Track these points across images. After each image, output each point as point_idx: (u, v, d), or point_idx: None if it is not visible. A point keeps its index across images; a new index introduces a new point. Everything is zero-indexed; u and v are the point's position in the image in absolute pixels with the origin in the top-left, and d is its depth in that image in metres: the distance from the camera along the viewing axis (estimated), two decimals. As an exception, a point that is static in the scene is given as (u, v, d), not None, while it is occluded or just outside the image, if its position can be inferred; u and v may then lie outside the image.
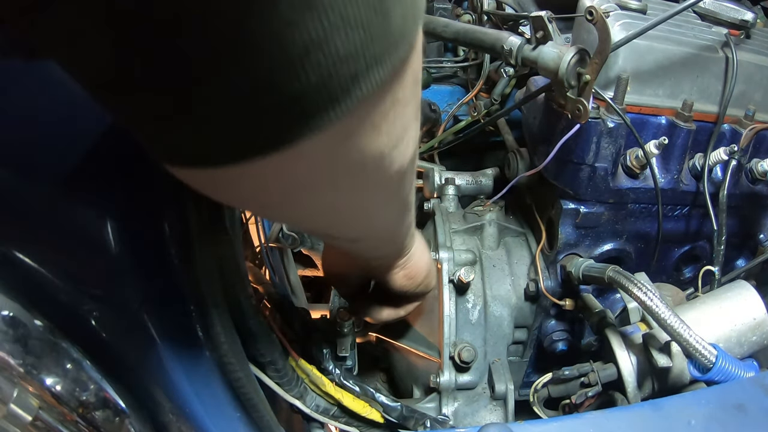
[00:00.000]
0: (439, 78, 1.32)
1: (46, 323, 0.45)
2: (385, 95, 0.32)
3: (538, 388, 0.87)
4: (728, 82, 0.86)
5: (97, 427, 0.47)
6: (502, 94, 1.12)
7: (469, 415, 0.91)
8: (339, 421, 0.74)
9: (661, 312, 0.69)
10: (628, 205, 0.88)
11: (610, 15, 0.79)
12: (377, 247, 0.61)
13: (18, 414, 0.40)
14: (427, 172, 1.11)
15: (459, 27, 0.85)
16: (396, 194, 0.48)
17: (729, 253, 0.96)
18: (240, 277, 0.58)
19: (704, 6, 0.92)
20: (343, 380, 0.74)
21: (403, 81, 0.34)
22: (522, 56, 0.74)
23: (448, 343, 0.89)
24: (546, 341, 0.96)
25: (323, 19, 0.25)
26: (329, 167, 0.35)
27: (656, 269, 0.96)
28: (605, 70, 0.81)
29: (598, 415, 0.61)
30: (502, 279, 0.96)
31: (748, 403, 0.61)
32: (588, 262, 0.86)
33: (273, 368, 0.65)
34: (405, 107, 0.36)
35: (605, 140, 0.81)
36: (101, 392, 0.47)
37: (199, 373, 0.54)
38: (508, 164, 1.02)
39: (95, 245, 0.45)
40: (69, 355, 0.45)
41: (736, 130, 0.89)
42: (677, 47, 0.84)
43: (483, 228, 0.99)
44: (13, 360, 0.42)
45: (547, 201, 0.94)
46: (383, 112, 0.33)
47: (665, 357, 0.73)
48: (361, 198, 0.43)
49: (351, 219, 0.47)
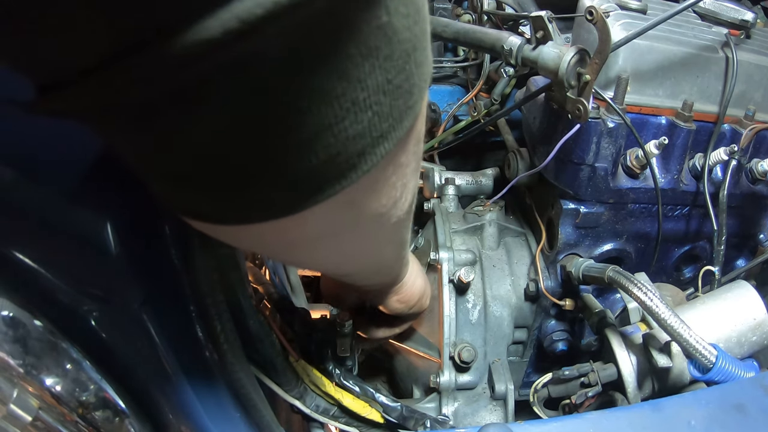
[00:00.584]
0: (439, 78, 1.32)
1: (46, 323, 0.44)
2: (388, 164, 0.33)
3: (538, 388, 0.87)
4: (728, 82, 0.86)
5: (97, 427, 0.47)
6: (502, 94, 1.12)
7: (469, 415, 0.90)
8: (339, 421, 0.74)
9: (661, 312, 0.69)
10: (628, 205, 0.88)
11: (610, 15, 0.80)
12: (371, 278, 0.64)
13: (18, 414, 0.40)
14: (427, 172, 1.11)
15: (459, 27, 0.85)
16: (393, 239, 0.50)
17: (729, 253, 0.96)
18: (240, 277, 0.58)
19: (704, 6, 0.92)
20: (343, 380, 0.74)
21: (406, 147, 0.35)
22: (522, 56, 0.74)
23: (448, 343, 0.89)
24: (546, 341, 0.96)
25: (335, 106, 0.27)
26: (332, 226, 0.37)
27: (656, 269, 0.96)
28: (605, 70, 0.81)
29: (598, 415, 0.61)
30: (502, 279, 0.96)
31: (748, 403, 0.61)
32: (588, 262, 0.86)
33: (273, 368, 0.65)
34: (406, 168, 0.37)
35: (605, 140, 0.81)
36: (101, 392, 0.47)
37: (199, 373, 0.54)
38: (508, 164, 1.02)
39: (95, 245, 0.45)
40: (69, 355, 0.45)
41: (736, 130, 0.89)
42: (677, 47, 0.84)
43: (483, 228, 0.99)
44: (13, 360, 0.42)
45: (547, 201, 0.94)
46: (385, 178, 0.35)
47: (665, 357, 0.73)
48: (360, 245, 0.45)
49: (348, 261, 0.51)
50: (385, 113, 0.29)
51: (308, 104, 0.26)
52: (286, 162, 0.28)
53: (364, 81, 0.27)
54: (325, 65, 0.26)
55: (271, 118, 0.26)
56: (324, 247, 0.42)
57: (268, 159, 0.28)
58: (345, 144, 0.28)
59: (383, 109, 0.29)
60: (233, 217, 0.32)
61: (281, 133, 0.27)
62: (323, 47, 0.25)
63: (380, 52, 0.27)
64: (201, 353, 0.53)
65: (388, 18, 0.27)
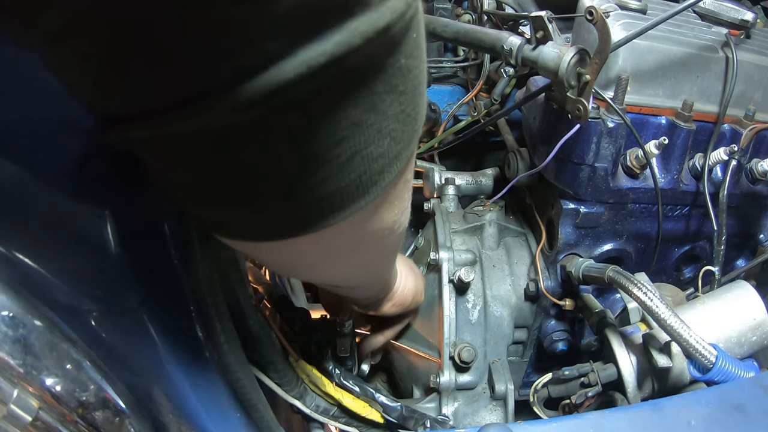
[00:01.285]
0: (439, 78, 1.32)
1: (46, 323, 0.44)
2: (399, 180, 0.39)
3: (538, 388, 0.87)
4: (728, 82, 0.86)
5: (97, 427, 0.46)
6: (502, 94, 1.12)
7: (469, 415, 0.90)
8: (339, 421, 0.74)
9: (661, 312, 0.69)
10: (628, 205, 0.88)
11: (610, 15, 0.80)
12: (369, 289, 0.71)
13: (18, 414, 0.40)
14: (427, 172, 1.11)
15: (459, 27, 0.85)
16: (395, 249, 0.58)
17: (729, 253, 0.96)
18: (240, 277, 0.58)
19: (704, 6, 0.92)
20: (343, 380, 0.74)
21: (411, 163, 0.41)
22: (522, 56, 0.74)
23: (448, 343, 0.89)
24: (546, 341, 0.96)
25: (366, 134, 0.32)
26: (353, 239, 0.42)
27: (656, 269, 0.96)
28: (605, 70, 0.81)
29: (598, 415, 0.61)
30: (502, 279, 0.96)
31: (748, 403, 0.61)
32: (588, 262, 0.86)
33: (273, 368, 0.65)
34: (410, 182, 0.45)
35: (605, 140, 0.81)
36: (101, 392, 0.47)
37: (199, 373, 0.54)
38: (508, 164, 1.02)
39: (95, 245, 0.45)
40: (69, 355, 0.45)
41: (736, 130, 0.89)
42: (677, 47, 0.84)
43: (483, 228, 0.99)
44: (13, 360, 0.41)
45: (547, 201, 0.94)
46: (399, 191, 0.41)
47: (665, 357, 0.73)
48: (370, 256, 0.52)
49: (358, 273, 0.57)
50: (398, 137, 0.35)
51: (347, 133, 0.32)
52: (327, 182, 0.33)
53: (385, 112, 0.33)
54: (361, 100, 0.31)
55: (321, 145, 0.31)
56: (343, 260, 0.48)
57: (313, 181, 0.33)
58: (370, 164, 0.34)
59: (398, 135, 0.35)
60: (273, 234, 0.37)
61: (327, 158, 0.32)
62: (361, 86, 0.31)
63: (398, 88, 0.33)
64: (201, 353, 0.53)
65: (405, 60, 0.32)
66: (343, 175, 0.33)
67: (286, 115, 0.29)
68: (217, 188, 0.34)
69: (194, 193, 0.35)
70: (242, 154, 0.31)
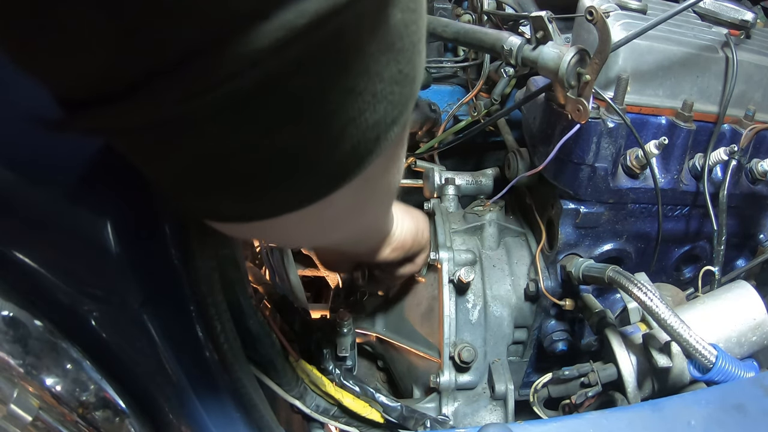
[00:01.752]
0: (439, 78, 1.32)
1: (46, 323, 0.45)
2: (396, 144, 0.37)
3: (538, 388, 0.87)
4: (728, 82, 0.86)
5: (97, 427, 0.47)
6: (502, 94, 1.12)
7: (469, 415, 0.90)
8: (339, 421, 0.74)
9: (661, 312, 0.68)
10: (628, 205, 0.88)
11: (610, 15, 0.80)
12: (366, 242, 0.68)
13: (18, 414, 0.40)
14: (427, 172, 1.11)
15: (459, 27, 0.85)
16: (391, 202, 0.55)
17: (729, 253, 0.96)
18: (240, 277, 0.58)
19: (704, 6, 0.92)
20: (343, 380, 0.74)
21: (406, 126, 0.37)
22: (522, 56, 0.74)
23: (448, 343, 0.89)
24: (546, 341, 0.96)
25: (359, 101, 0.29)
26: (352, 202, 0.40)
27: (656, 269, 0.96)
28: (605, 70, 0.81)
29: (598, 415, 0.61)
30: (502, 279, 0.96)
31: (748, 404, 0.61)
32: (588, 262, 0.86)
33: (273, 368, 0.65)
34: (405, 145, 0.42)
35: (605, 140, 0.81)
36: (101, 392, 0.47)
37: (199, 373, 0.54)
38: (508, 164, 1.02)
39: (95, 245, 0.45)
40: (69, 355, 0.45)
41: (736, 130, 0.89)
42: (677, 47, 0.84)
43: (483, 228, 0.99)
44: (13, 360, 0.42)
45: (547, 201, 0.94)
46: (395, 155, 0.39)
47: (665, 357, 0.73)
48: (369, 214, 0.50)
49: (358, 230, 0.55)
50: (396, 101, 0.32)
51: (338, 104, 0.28)
52: (318, 155, 0.31)
53: (381, 74, 0.29)
54: (353, 65, 0.28)
55: (310, 119, 0.28)
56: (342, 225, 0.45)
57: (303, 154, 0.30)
58: (364, 133, 0.31)
59: (395, 98, 0.31)
60: (266, 212, 0.34)
61: (316, 130, 0.29)
62: (350, 49, 0.27)
63: (395, 46, 0.29)
64: (201, 353, 0.53)
65: (401, 15, 0.29)
66: (336, 147, 0.31)
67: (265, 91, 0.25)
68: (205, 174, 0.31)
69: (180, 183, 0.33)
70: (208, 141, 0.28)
